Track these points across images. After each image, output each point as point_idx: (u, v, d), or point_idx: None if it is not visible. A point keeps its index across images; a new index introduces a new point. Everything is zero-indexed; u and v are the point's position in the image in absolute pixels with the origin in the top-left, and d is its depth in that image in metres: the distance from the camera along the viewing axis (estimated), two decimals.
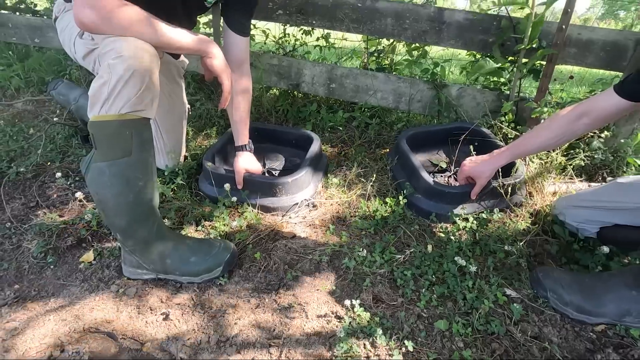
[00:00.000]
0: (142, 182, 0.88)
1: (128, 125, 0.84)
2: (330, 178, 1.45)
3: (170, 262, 0.96)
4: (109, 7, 0.80)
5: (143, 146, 0.88)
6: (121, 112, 0.81)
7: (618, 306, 0.87)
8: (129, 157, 0.85)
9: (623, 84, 0.99)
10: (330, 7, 1.68)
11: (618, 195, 1.09)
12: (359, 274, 1.02)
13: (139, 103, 0.83)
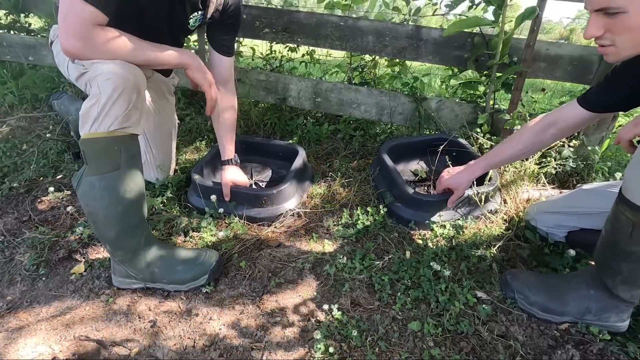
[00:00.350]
0: (131, 194, 0.94)
1: (117, 141, 0.89)
2: (315, 188, 1.51)
3: (157, 271, 1.00)
4: (91, 34, 0.87)
5: (131, 160, 0.93)
6: (110, 129, 0.87)
7: (579, 305, 0.93)
8: (118, 170, 0.90)
9: (586, 96, 1.07)
10: (314, 26, 1.77)
11: (583, 201, 1.16)
12: (339, 280, 1.07)
13: (126, 120, 0.89)
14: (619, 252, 0.84)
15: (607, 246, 0.87)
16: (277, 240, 1.25)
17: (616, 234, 0.83)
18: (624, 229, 0.80)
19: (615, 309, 0.90)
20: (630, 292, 0.87)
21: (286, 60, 2.09)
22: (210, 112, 1.11)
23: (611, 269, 0.87)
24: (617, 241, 0.84)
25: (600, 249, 0.89)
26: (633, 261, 0.82)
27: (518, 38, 1.59)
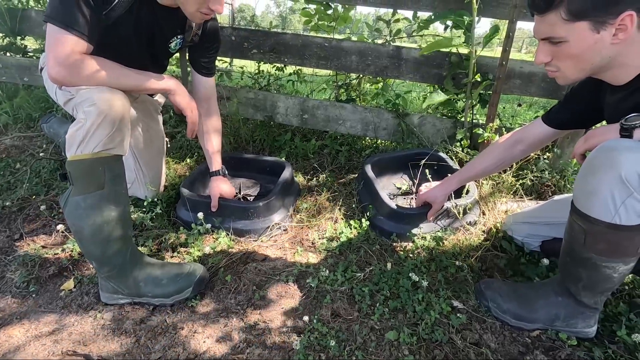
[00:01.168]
0: (115, 212, 0.98)
1: (100, 162, 0.94)
2: (301, 203, 1.55)
3: (143, 286, 1.04)
4: (76, 63, 0.93)
5: (115, 180, 0.98)
6: (94, 150, 0.93)
7: (548, 312, 0.97)
8: (102, 190, 0.95)
9: (549, 114, 1.14)
10: (300, 47, 1.85)
11: (554, 211, 1.21)
12: (321, 292, 1.11)
13: (110, 142, 0.94)
14: (577, 259, 0.89)
15: (567, 254, 0.92)
16: (263, 254, 1.29)
17: (572, 242, 0.89)
18: (578, 237, 0.86)
19: (582, 315, 0.95)
20: (594, 299, 0.92)
21: (274, 79, 2.16)
22: (191, 135, 1.17)
23: (572, 276, 0.92)
24: (573, 249, 0.89)
25: (562, 257, 0.94)
26: (590, 267, 0.87)
27: (494, 57, 1.67)
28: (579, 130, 1.61)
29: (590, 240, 0.84)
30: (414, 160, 1.66)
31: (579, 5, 0.77)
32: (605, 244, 0.83)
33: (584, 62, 0.85)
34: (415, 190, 1.59)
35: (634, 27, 0.76)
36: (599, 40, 0.79)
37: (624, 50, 0.80)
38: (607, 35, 0.78)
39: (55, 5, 0.92)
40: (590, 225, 0.83)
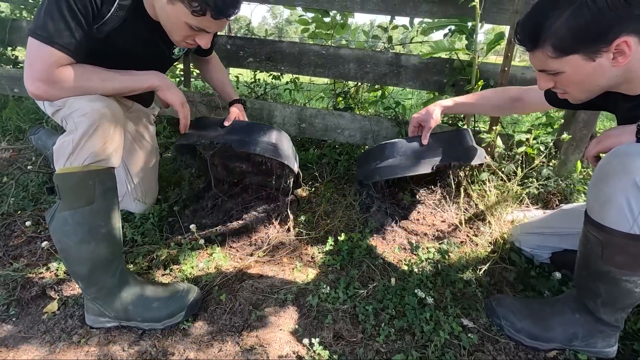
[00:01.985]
0: (105, 229, 0.91)
1: (91, 176, 0.88)
2: (300, 215, 1.49)
3: (132, 309, 0.96)
4: (56, 76, 0.88)
5: (106, 194, 0.92)
6: (85, 163, 0.87)
7: (565, 330, 0.91)
8: (92, 205, 0.89)
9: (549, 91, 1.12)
10: (296, 55, 1.81)
11: (564, 222, 1.16)
12: (322, 311, 1.04)
13: (101, 154, 0.89)
14: (594, 273, 0.83)
15: (583, 268, 0.87)
16: (259, 271, 1.23)
17: (588, 255, 0.83)
18: (594, 249, 0.81)
19: (602, 334, 0.89)
20: (614, 315, 0.86)
21: (270, 87, 2.12)
22: (184, 130, 1.12)
23: (590, 292, 0.86)
24: (590, 262, 0.84)
25: (577, 271, 0.89)
26: (609, 282, 0.81)
27: (495, 63, 1.64)
28: (584, 137, 1.58)
29: (607, 253, 0.79)
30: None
31: (564, 44, 0.75)
32: (624, 256, 0.77)
33: (589, 85, 0.82)
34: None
35: (633, 49, 0.72)
36: (597, 66, 0.76)
37: (633, 67, 0.76)
38: (605, 61, 0.75)
39: (40, 20, 0.88)
40: (606, 236, 0.77)
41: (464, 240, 1.35)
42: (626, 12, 0.69)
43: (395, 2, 1.62)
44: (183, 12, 0.95)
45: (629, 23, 0.70)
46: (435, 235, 1.39)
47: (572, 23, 0.72)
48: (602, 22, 0.70)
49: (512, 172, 1.52)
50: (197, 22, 0.97)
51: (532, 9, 0.79)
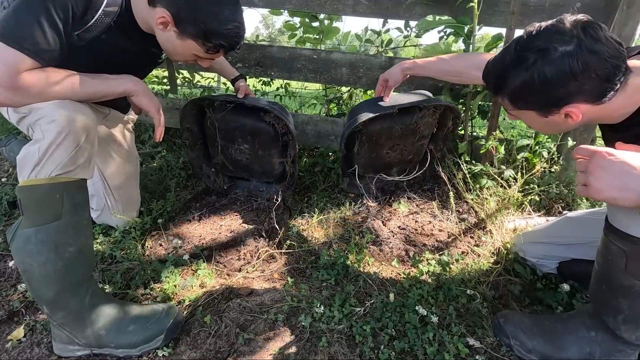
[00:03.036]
0: (74, 247, 0.83)
1: (59, 188, 0.80)
2: (292, 226, 1.41)
3: (105, 334, 0.87)
4: (20, 82, 0.80)
5: (75, 209, 0.83)
6: (52, 175, 0.79)
7: (580, 349, 0.83)
8: (59, 221, 0.80)
9: None
10: (287, 59, 1.75)
11: (570, 230, 1.10)
12: (316, 333, 0.96)
13: (72, 164, 0.81)
14: (616, 288, 0.76)
15: (602, 281, 0.79)
16: (248, 288, 1.14)
17: (609, 267, 0.76)
18: (617, 261, 0.74)
19: (620, 354, 0.81)
20: (636, 333, 0.79)
21: (260, 93, 2.05)
22: (159, 137, 1.03)
23: (610, 307, 0.79)
24: (611, 275, 0.76)
25: (595, 284, 0.82)
26: (632, 296, 0.74)
27: None
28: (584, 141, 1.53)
29: (632, 265, 0.72)
30: None
31: (519, 102, 0.79)
32: None
33: (549, 131, 0.86)
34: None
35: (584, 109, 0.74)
36: (551, 121, 0.79)
37: (592, 116, 0.77)
38: (558, 118, 0.77)
39: (10, 23, 0.80)
40: (633, 246, 0.70)
41: (465, 251, 1.28)
42: (576, 88, 0.71)
43: (387, 4, 1.57)
44: (194, 48, 0.96)
45: (578, 96, 0.72)
46: (434, 246, 1.32)
47: (527, 87, 0.74)
48: (552, 94, 0.73)
49: (512, 178, 1.46)
50: (207, 55, 0.99)
51: (500, 56, 0.80)
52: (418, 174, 1.64)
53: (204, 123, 1.55)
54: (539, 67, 0.71)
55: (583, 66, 0.68)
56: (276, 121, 1.47)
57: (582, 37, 0.68)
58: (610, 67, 0.68)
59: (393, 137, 1.50)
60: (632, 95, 0.74)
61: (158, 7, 0.90)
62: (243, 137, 1.53)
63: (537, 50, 0.71)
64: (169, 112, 1.94)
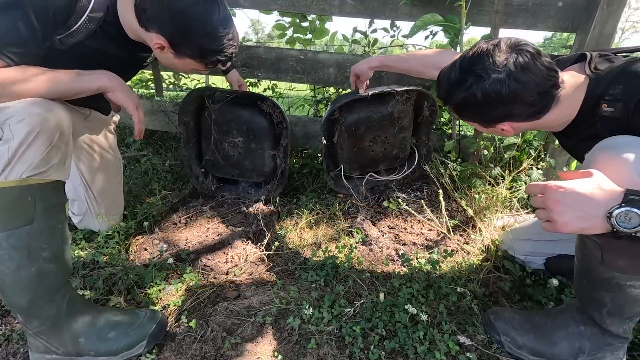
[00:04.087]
0: (48, 252, 0.79)
1: (30, 191, 0.76)
2: (280, 228, 1.39)
3: (84, 342, 0.83)
4: None
5: (49, 212, 0.80)
6: (22, 176, 0.75)
7: (570, 344, 0.83)
8: (31, 225, 0.77)
9: None
10: (274, 60, 1.73)
11: None
12: (305, 335, 0.94)
13: (44, 165, 0.77)
14: (596, 281, 0.76)
15: (583, 276, 0.79)
16: (236, 291, 1.11)
17: (587, 261, 0.76)
18: (594, 254, 0.73)
19: (610, 347, 0.81)
20: (622, 326, 0.79)
21: None
22: (139, 136, 1.00)
23: (594, 302, 0.78)
24: (590, 269, 0.76)
25: (577, 280, 0.82)
26: (613, 289, 0.74)
27: None
28: None
29: (608, 257, 0.71)
30: None
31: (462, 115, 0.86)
32: (627, 259, 0.70)
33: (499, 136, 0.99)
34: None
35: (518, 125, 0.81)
36: (493, 131, 0.86)
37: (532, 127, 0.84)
38: (497, 130, 0.84)
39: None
40: (606, 238, 0.69)
41: (455, 249, 1.27)
42: (506, 112, 0.78)
43: (373, 4, 1.58)
44: (193, 64, 0.97)
45: (509, 117, 0.79)
46: (424, 245, 1.31)
47: (466, 104, 0.81)
48: (486, 114, 0.81)
49: (500, 176, 1.47)
50: (206, 69, 1.02)
51: (447, 72, 0.83)
52: (407, 172, 1.64)
53: (201, 117, 1.55)
54: (474, 90, 0.77)
55: (510, 94, 0.74)
56: (272, 109, 1.51)
57: (512, 68, 0.73)
58: (537, 94, 0.75)
59: (372, 128, 1.52)
60: (566, 107, 0.79)
61: (152, 32, 0.90)
62: (238, 129, 1.55)
63: (474, 75, 0.76)
64: (155, 114, 1.91)
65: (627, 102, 0.69)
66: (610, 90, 0.72)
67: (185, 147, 1.58)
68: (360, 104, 1.48)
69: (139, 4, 0.88)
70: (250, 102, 1.53)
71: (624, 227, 0.60)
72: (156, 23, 0.88)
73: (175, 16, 0.87)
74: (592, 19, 1.37)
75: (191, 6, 0.87)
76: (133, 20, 0.90)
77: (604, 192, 0.61)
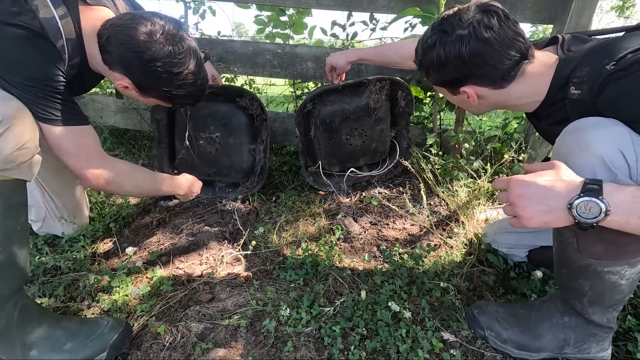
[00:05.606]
0: (3, 255, 0.73)
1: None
2: (259, 227, 1.33)
3: (36, 354, 0.76)
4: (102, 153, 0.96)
5: (10, 212, 0.75)
6: None
7: (555, 336, 0.80)
8: None
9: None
10: (250, 55, 1.68)
11: None
12: (282, 337, 0.88)
13: (12, 161, 0.73)
14: (574, 270, 0.74)
15: (561, 265, 0.78)
16: (210, 293, 1.05)
17: (564, 249, 0.74)
18: (569, 242, 0.71)
19: (595, 337, 0.79)
20: (605, 315, 0.76)
21: None
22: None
23: (574, 291, 0.76)
24: (568, 258, 0.75)
25: (557, 269, 0.80)
26: (591, 276, 0.72)
27: None
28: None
29: (584, 244, 0.69)
30: None
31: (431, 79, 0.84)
32: (602, 244, 0.68)
33: (466, 108, 0.94)
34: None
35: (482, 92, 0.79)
36: (460, 99, 0.85)
37: (500, 100, 0.82)
38: (464, 97, 0.82)
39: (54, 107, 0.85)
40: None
41: (438, 244, 1.24)
42: (468, 71, 0.76)
43: None
44: (158, 102, 0.99)
45: (471, 79, 0.78)
46: (407, 240, 1.28)
47: (431, 65, 0.80)
48: (448, 74, 0.79)
49: (481, 169, 1.45)
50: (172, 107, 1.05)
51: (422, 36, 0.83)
52: (389, 167, 1.61)
53: (175, 114, 1.49)
54: (438, 48, 0.76)
55: (471, 52, 0.72)
56: (251, 102, 1.46)
57: (475, 25, 0.71)
58: (498, 55, 0.72)
59: (348, 120, 1.48)
60: (533, 84, 0.77)
61: (116, 72, 0.90)
62: (215, 124, 1.49)
63: (439, 31, 0.75)
64: (127, 112, 1.82)
65: (592, 83, 0.67)
66: (578, 72, 0.70)
67: (157, 146, 1.51)
68: (334, 96, 1.44)
69: (104, 44, 0.87)
70: (227, 96, 1.47)
71: (585, 218, 0.58)
72: (121, 66, 0.88)
73: (143, 64, 0.86)
74: (569, 10, 1.36)
75: (161, 57, 0.85)
76: (99, 57, 0.90)
77: (564, 183, 0.60)
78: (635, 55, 0.62)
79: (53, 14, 0.81)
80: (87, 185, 0.99)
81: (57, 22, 0.82)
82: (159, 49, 0.84)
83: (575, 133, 0.65)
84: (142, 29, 0.83)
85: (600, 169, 0.60)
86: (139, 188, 1.07)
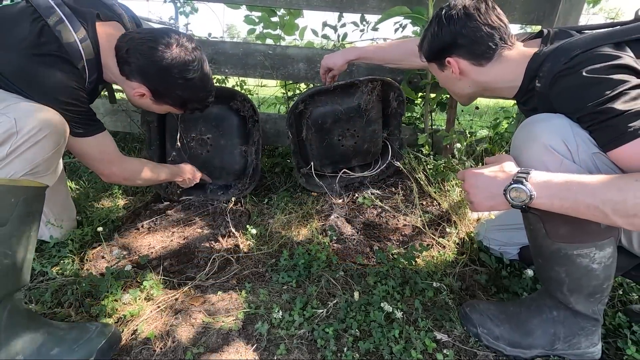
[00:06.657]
0: (10, 259, 0.73)
1: (15, 193, 0.73)
2: (250, 229, 1.32)
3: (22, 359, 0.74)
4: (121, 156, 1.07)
5: (26, 218, 0.76)
6: (13, 176, 0.72)
7: (545, 331, 0.81)
8: (3, 227, 0.71)
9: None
10: (241, 56, 1.67)
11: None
12: (274, 340, 0.87)
13: (36, 167, 0.76)
14: (548, 257, 0.77)
15: (537, 255, 0.81)
16: (201, 297, 1.03)
17: (535, 237, 0.79)
18: (537, 228, 0.76)
19: (583, 331, 0.79)
20: (590, 307, 0.78)
21: None
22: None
23: (553, 281, 0.79)
24: (540, 246, 0.78)
25: (535, 262, 0.84)
26: (563, 261, 0.75)
27: None
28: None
29: (551, 228, 0.74)
30: None
31: (424, 54, 0.93)
32: (566, 226, 0.72)
33: (451, 89, 0.99)
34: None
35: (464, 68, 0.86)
36: (447, 76, 0.92)
37: (481, 79, 0.87)
38: (450, 73, 0.89)
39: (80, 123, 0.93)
40: (542, 210, 0.69)
41: (430, 243, 1.24)
42: (452, 41, 0.84)
43: None
44: (170, 109, 1.09)
45: (453, 49, 0.85)
46: (399, 240, 1.28)
47: (427, 41, 0.90)
48: (437, 44, 0.87)
49: None
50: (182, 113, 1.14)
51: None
52: (381, 168, 1.61)
53: (166, 116, 1.47)
54: (433, 23, 0.86)
55: (458, 22, 0.81)
56: (243, 104, 1.47)
57: (466, 5, 0.81)
58: (480, 30, 0.80)
59: (340, 121, 1.48)
60: (508, 70, 0.83)
61: (133, 81, 0.98)
62: (207, 125, 1.48)
63: (436, 14, 0.86)
64: (116, 114, 1.80)
65: (547, 78, 0.73)
66: (543, 66, 0.75)
67: (148, 148, 1.49)
68: (326, 97, 1.44)
69: (123, 56, 0.95)
70: (219, 97, 1.46)
71: (517, 202, 0.67)
72: (140, 75, 0.97)
73: (161, 72, 0.95)
74: (556, 12, 1.38)
75: (177, 65, 0.95)
76: (115, 69, 0.98)
77: (504, 174, 0.70)
78: (583, 55, 0.68)
79: (74, 39, 0.88)
80: (106, 181, 1.09)
81: (78, 45, 0.89)
82: (175, 58, 0.94)
83: (526, 127, 0.74)
84: (161, 40, 0.93)
85: (547, 156, 0.69)
86: (151, 179, 1.18)
